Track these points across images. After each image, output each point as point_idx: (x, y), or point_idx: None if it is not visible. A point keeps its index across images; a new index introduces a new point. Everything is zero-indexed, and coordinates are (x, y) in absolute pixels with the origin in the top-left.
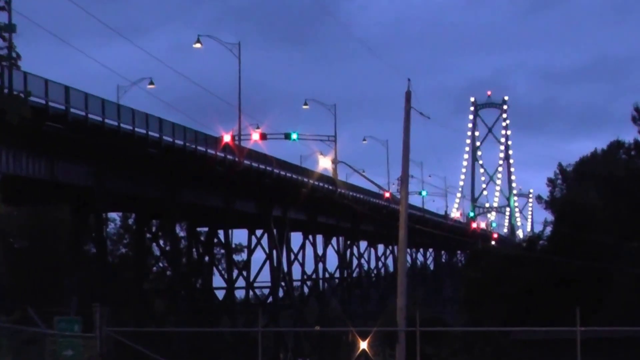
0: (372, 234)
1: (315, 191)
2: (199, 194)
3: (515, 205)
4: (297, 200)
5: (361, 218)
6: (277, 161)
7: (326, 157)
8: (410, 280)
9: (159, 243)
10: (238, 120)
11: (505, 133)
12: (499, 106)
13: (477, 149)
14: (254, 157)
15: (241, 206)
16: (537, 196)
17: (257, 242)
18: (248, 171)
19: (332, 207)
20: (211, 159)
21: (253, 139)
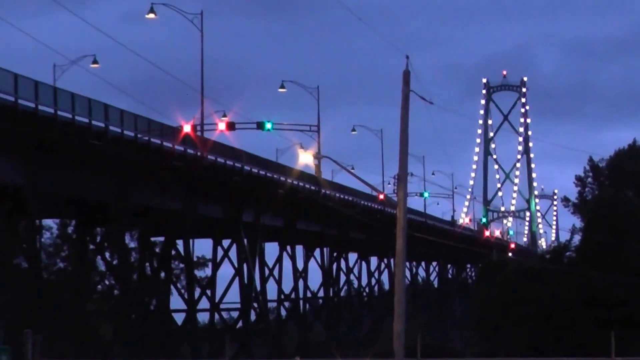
0: (364, 243)
1: (295, 192)
2: (153, 195)
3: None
4: (272, 203)
5: (350, 225)
6: (248, 156)
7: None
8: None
9: (104, 256)
10: (200, 107)
11: (524, 121)
12: (517, 89)
13: (490, 140)
14: (220, 150)
15: (205, 210)
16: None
17: (224, 254)
18: (213, 168)
19: (315, 211)
20: (168, 153)
21: (219, 129)
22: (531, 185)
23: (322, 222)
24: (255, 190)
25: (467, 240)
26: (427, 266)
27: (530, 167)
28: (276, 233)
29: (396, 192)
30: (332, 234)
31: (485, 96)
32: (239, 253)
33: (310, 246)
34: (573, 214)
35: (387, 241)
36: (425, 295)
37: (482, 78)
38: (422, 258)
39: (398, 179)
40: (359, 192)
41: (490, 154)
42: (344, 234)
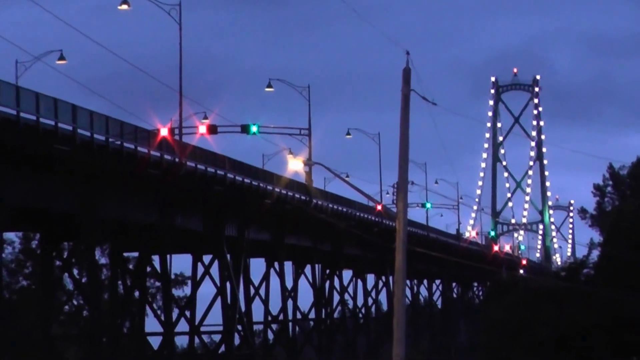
0: (360, 259)
1: (283, 203)
2: (126, 206)
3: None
4: (258, 215)
5: (345, 239)
6: (231, 162)
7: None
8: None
9: (72, 273)
10: (179, 108)
11: (536, 124)
12: (529, 88)
13: (499, 145)
14: (201, 157)
15: (183, 223)
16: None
17: (204, 271)
18: (192, 176)
19: (305, 224)
20: (143, 159)
21: (199, 133)
22: (545, 195)
23: (314, 236)
24: (239, 200)
25: (474, 256)
26: (429, 285)
27: (544, 175)
28: (262, 248)
29: (395, 203)
30: (325, 249)
31: (494, 96)
32: (221, 270)
33: (300, 262)
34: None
35: (386, 257)
36: (428, 317)
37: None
38: (424, 276)
39: (397, 188)
40: (354, 203)
41: (499, 160)
42: (338, 249)
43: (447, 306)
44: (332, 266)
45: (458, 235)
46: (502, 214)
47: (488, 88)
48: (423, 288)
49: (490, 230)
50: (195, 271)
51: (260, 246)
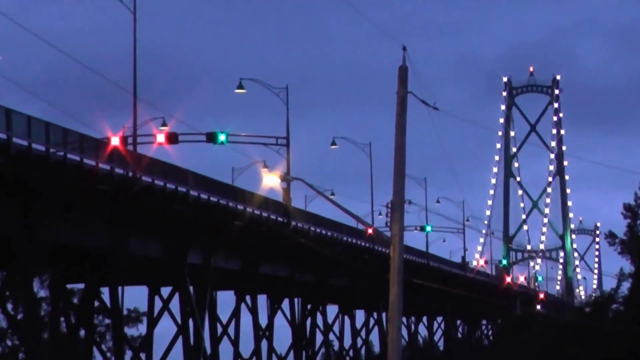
0: (347, 292)
1: (257, 225)
2: (70, 229)
3: (574, 248)
4: (227, 240)
5: (330, 268)
6: (195, 177)
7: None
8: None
9: (5, 308)
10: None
11: (556, 133)
12: (548, 90)
13: (513, 157)
14: (159, 170)
15: (138, 248)
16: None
17: (163, 305)
18: (149, 193)
19: (283, 250)
20: (90, 173)
21: (157, 142)
22: (566, 216)
23: (293, 265)
24: (204, 222)
25: (483, 289)
26: (429, 322)
27: (565, 193)
28: (232, 278)
29: (389, 226)
30: (306, 279)
31: (507, 100)
32: (182, 304)
33: (276, 296)
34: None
35: (378, 289)
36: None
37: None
38: (424, 312)
39: (392, 207)
40: (341, 226)
41: (512, 175)
42: (321, 280)
43: (450, 347)
44: (314, 300)
45: (464, 264)
46: (515, 239)
47: (499, 90)
48: (422, 326)
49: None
50: (152, 306)
51: (229, 276)
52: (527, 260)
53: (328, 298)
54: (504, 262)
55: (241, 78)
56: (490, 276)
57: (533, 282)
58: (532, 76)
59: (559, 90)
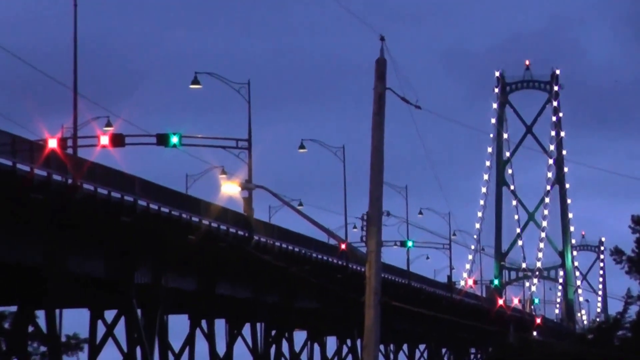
0: (317, 316)
1: (214, 240)
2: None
3: (575, 267)
4: (180, 256)
5: (297, 288)
6: (144, 185)
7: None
8: None
9: None
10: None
11: (556, 135)
12: (546, 86)
13: (506, 163)
14: (103, 177)
15: (78, 266)
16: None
17: (106, 331)
18: (91, 202)
19: (244, 268)
20: (24, 179)
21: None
22: (566, 230)
23: (255, 285)
24: (154, 236)
25: (471, 313)
26: (410, 351)
27: (566, 204)
28: (186, 300)
29: (365, 240)
30: (270, 301)
31: (499, 97)
32: (129, 330)
33: (236, 320)
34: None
35: (352, 313)
36: None
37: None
38: (404, 339)
39: (368, 220)
40: (310, 240)
41: (505, 183)
42: (287, 303)
43: None
44: (279, 325)
45: (450, 285)
46: (509, 256)
47: (491, 87)
48: (402, 355)
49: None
50: (95, 331)
51: (182, 298)
52: (522, 280)
53: (295, 323)
54: (495, 283)
55: (196, 72)
56: (480, 298)
57: (529, 305)
58: (528, 70)
59: (559, 87)
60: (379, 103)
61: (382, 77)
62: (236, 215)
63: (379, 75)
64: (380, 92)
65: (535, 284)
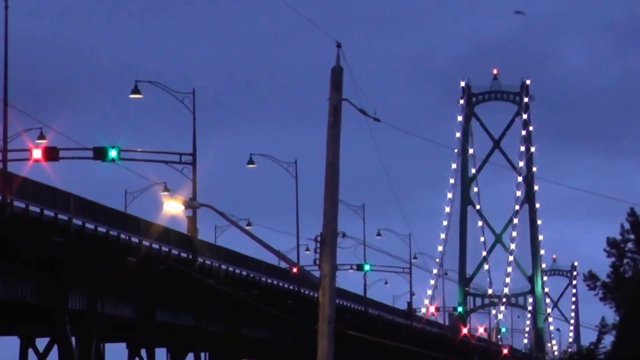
0: (266, 345)
1: (155, 262)
2: None
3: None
4: (118, 280)
5: (244, 315)
6: (79, 202)
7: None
8: None
9: None
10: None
11: (525, 150)
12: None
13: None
14: (35, 193)
15: (7, 290)
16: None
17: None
18: (22, 221)
19: (186, 293)
20: None
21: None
22: (536, 253)
23: (199, 311)
24: (90, 258)
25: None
26: None
27: (536, 225)
28: (124, 328)
29: (318, 264)
30: (215, 330)
31: (465, 109)
32: (62, 359)
33: (178, 349)
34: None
35: (303, 342)
36: None
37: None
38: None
39: (322, 241)
40: (259, 263)
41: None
42: (233, 331)
43: None
44: (225, 355)
45: (410, 312)
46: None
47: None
48: None
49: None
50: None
51: (120, 325)
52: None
53: (242, 353)
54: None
55: (137, 80)
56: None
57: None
58: (496, 80)
59: (529, 98)
60: (335, 115)
61: (338, 86)
62: (179, 236)
63: (335, 85)
64: (336, 103)
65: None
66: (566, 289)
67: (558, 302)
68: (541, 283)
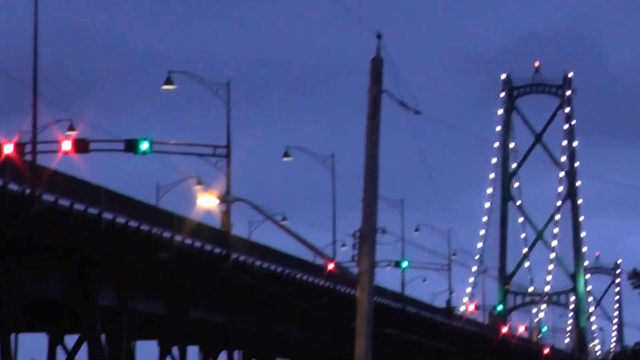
0: (300, 344)
1: (188, 258)
2: None
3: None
4: (149, 277)
5: (278, 313)
6: (110, 196)
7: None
8: None
9: None
10: (32, 113)
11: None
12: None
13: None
14: (64, 185)
15: (35, 286)
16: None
17: (67, 358)
18: (51, 214)
19: (219, 290)
20: None
21: (63, 151)
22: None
23: (232, 309)
24: (120, 253)
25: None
26: None
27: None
28: (155, 325)
29: (357, 260)
30: (248, 327)
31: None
32: (92, 357)
33: (210, 347)
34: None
35: (340, 341)
36: None
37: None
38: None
39: (361, 237)
40: (294, 260)
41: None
42: (267, 329)
43: None
44: (258, 353)
45: (449, 310)
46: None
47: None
48: None
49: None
50: (54, 358)
51: (151, 322)
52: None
53: (276, 351)
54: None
55: (170, 71)
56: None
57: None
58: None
59: (572, 91)
60: (374, 107)
61: (378, 78)
62: (212, 231)
63: (375, 77)
64: (376, 95)
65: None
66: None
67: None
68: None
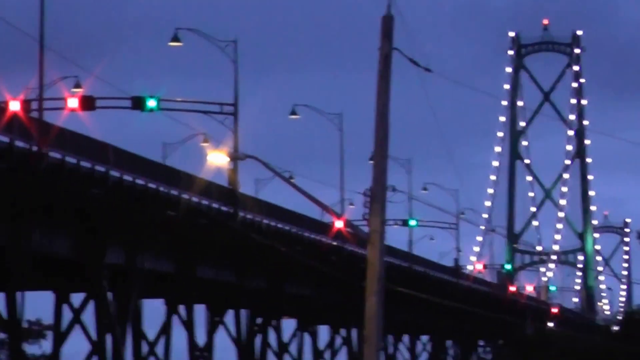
0: (308, 303)
1: (195, 216)
2: None
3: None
4: (157, 235)
5: (286, 272)
6: (117, 153)
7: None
8: None
9: None
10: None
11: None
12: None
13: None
14: (71, 144)
15: (43, 244)
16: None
17: (73, 317)
18: (57, 172)
19: (227, 249)
20: None
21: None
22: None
23: (240, 267)
24: (128, 211)
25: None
26: (412, 343)
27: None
28: (163, 283)
29: (367, 218)
30: (256, 286)
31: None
32: (99, 316)
33: (218, 306)
34: None
35: (348, 300)
36: None
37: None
38: (405, 329)
39: (371, 195)
40: (302, 218)
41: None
42: (275, 287)
43: None
44: (266, 312)
45: (457, 269)
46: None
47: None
48: (403, 347)
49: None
50: (59, 317)
51: (159, 281)
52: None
53: (283, 310)
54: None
55: (177, 28)
56: (491, 285)
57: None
58: (546, 31)
59: (580, 50)
60: (385, 64)
61: (388, 35)
62: (220, 189)
63: (385, 34)
64: (387, 53)
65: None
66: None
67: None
68: (592, 240)
